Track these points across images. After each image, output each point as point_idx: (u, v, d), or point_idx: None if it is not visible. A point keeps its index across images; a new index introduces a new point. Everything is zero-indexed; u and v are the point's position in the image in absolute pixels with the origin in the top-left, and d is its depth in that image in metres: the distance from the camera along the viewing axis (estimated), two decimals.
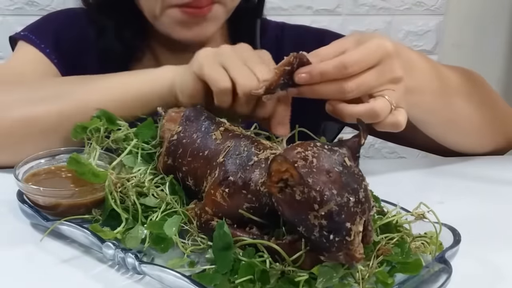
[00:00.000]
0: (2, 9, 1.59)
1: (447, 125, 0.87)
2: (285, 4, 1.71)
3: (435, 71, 0.82)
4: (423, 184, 0.87)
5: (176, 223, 0.62)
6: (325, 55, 0.69)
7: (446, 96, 0.84)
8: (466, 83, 0.88)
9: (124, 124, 0.74)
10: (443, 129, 0.88)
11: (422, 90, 0.78)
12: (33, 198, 0.69)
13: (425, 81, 0.79)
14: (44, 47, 0.97)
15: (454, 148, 0.94)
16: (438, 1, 1.80)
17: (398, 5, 1.79)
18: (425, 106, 0.80)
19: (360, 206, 0.51)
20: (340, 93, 0.68)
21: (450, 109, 0.85)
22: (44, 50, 0.97)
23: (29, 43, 0.98)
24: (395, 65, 0.70)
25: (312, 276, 0.54)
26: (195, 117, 0.68)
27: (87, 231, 0.63)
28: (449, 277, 0.58)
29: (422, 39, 1.82)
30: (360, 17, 1.77)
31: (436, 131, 0.89)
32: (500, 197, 0.83)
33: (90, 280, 0.61)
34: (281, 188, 0.52)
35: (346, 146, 0.55)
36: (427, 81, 0.79)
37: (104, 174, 0.66)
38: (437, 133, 0.89)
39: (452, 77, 0.86)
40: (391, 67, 0.69)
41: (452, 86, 0.85)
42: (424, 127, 0.86)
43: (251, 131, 0.71)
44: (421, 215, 0.63)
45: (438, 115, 0.84)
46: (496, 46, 1.90)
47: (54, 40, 0.99)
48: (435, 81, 0.81)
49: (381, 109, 0.69)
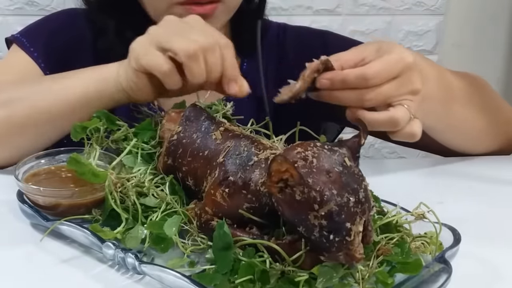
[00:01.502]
0: (2, 9, 1.59)
1: (453, 131, 0.89)
2: (285, 4, 1.71)
3: (442, 78, 0.83)
4: (423, 184, 0.88)
5: (176, 223, 0.62)
6: (346, 62, 0.71)
7: (451, 103, 0.85)
8: (469, 88, 0.89)
9: (124, 124, 0.74)
10: (448, 135, 0.90)
11: (432, 98, 0.79)
12: (33, 198, 0.69)
13: (434, 89, 0.80)
14: (33, 50, 0.97)
15: (459, 150, 0.95)
16: (438, 1, 1.80)
17: (398, 5, 1.79)
18: (434, 113, 0.82)
19: (360, 206, 0.51)
20: (358, 101, 0.70)
21: (454, 115, 0.86)
22: (32, 54, 0.97)
23: (20, 46, 0.98)
24: (414, 77, 0.71)
25: (312, 276, 0.54)
26: (195, 117, 0.68)
27: (87, 231, 0.63)
28: (449, 277, 0.58)
29: (422, 39, 1.81)
30: (360, 17, 1.77)
31: (442, 137, 0.90)
32: (500, 197, 0.83)
33: (90, 280, 0.61)
34: (281, 188, 0.52)
35: (346, 146, 0.55)
36: (436, 89, 0.81)
37: (104, 174, 0.66)
38: (443, 139, 0.91)
39: (455, 83, 0.87)
40: (411, 79, 0.71)
41: (456, 92, 0.86)
42: (431, 133, 0.88)
43: (249, 128, 0.71)
44: (421, 215, 0.63)
45: (444, 121, 0.86)
46: (496, 46, 1.90)
47: (45, 43, 0.98)
48: (442, 88, 0.83)
49: (401, 118, 0.70)
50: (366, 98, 0.69)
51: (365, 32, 1.77)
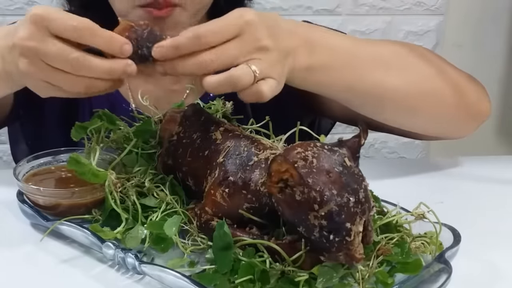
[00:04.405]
0: (2, 9, 1.59)
1: (373, 102, 0.82)
2: (285, 4, 1.71)
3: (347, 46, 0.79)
4: (423, 184, 0.87)
5: (176, 223, 0.62)
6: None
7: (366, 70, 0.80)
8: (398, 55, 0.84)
9: (124, 124, 0.74)
10: (372, 107, 0.84)
11: (326, 67, 0.75)
12: (33, 198, 0.69)
13: (330, 58, 0.76)
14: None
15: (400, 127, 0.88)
16: (438, 1, 1.80)
17: (398, 5, 1.79)
18: (335, 83, 0.78)
19: (360, 206, 0.51)
20: (201, 66, 0.64)
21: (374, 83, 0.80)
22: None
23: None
24: (259, 33, 0.66)
25: (312, 276, 0.54)
26: (195, 117, 0.68)
27: (87, 231, 0.63)
28: (449, 277, 0.58)
29: (422, 39, 1.81)
30: (360, 17, 1.77)
31: (366, 110, 0.85)
32: (500, 197, 0.83)
33: (90, 280, 0.61)
34: (281, 188, 0.52)
35: (346, 146, 0.55)
36: (333, 57, 0.76)
37: (104, 174, 0.66)
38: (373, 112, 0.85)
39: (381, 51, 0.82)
40: (254, 36, 0.66)
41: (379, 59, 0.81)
42: (353, 107, 0.83)
43: (249, 128, 0.71)
44: (421, 215, 0.63)
45: (355, 91, 0.80)
46: (496, 46, 1.90)
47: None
48: (344, 56, 0.78)
49: (240, 76, 0.64)
50: (206, 61, 0.64)
51: (365, 32, 1.77)
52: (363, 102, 0.82)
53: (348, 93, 0.80)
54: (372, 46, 0.84)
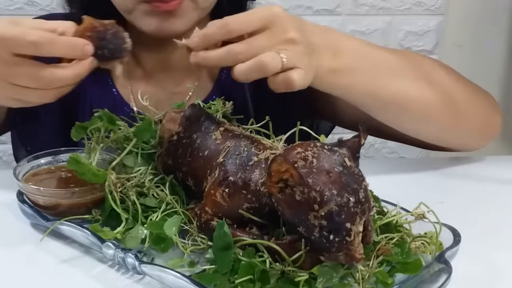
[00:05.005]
0: (2, 9, 1.59)
1: (395, 109, 0.83)
2: (285, 4, 1.70)
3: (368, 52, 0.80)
4: (423, 184, 0.87)
5: (176, 223, 0.62)
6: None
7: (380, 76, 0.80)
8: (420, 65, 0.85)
9: (124, 124, 0.74)
10: (392, 114, 0.84)
11: (352, 71, 0.76)
12: (33, 198, 0.69)
13: (355, 62, 0.77)
14: None
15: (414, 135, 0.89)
16: (438, 1, 1.80)
17: (398, 5, 1.79)
18: (360, 87, 0.78)
19: (360, 206, 0.51)
20: (231, 56, 0.66)
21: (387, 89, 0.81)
22: None
23: None
24: (287, 25, 0.68)
25: (312, 276, 0.54)
26: (195, 117, 0.68)
27: (87, 231, 0.63)
28: (449, 277, 0.58)
29: (422, 39, 1.82)
30: (360, 17, 1.77)
31: (386, 117, 0.85)
32: (500, 197, 0.83)
33: (90, 280, 0.61)
34: (281, 189, 0.52)
35: (346, 146, 0.55)
36: (357, 61, 0.77)
37: (104, 174, 0.66)
38: (387, 119, 0.86)
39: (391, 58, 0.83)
40: (282, 28, 0.67)
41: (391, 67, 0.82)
42: (373, 113, 0.84)
43: (249, 128, 0.71)
44: (421, 215, 0.63)
45: (378, 97, 0.81)
46: (496, 46, 1.90)
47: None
48: (367, 61, 0.79)
49: (268, 61, 0.65)
50: (236, 51, 0.65)
51: (365, 32, 1.77)
52: (384, 108, 0.83)
53: (371, 98, 0.81)
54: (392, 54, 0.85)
